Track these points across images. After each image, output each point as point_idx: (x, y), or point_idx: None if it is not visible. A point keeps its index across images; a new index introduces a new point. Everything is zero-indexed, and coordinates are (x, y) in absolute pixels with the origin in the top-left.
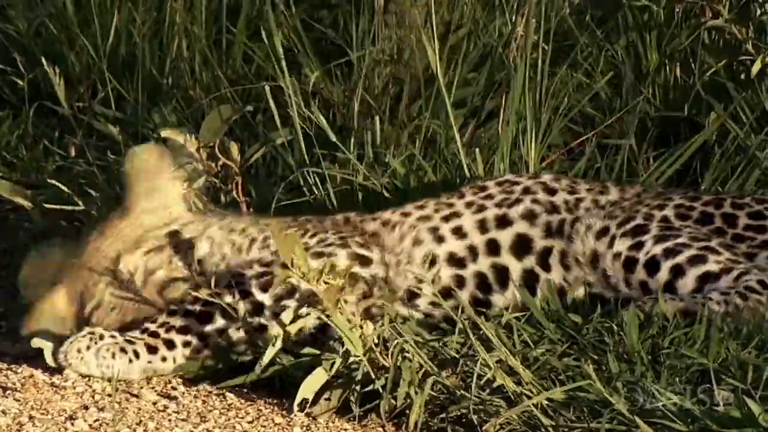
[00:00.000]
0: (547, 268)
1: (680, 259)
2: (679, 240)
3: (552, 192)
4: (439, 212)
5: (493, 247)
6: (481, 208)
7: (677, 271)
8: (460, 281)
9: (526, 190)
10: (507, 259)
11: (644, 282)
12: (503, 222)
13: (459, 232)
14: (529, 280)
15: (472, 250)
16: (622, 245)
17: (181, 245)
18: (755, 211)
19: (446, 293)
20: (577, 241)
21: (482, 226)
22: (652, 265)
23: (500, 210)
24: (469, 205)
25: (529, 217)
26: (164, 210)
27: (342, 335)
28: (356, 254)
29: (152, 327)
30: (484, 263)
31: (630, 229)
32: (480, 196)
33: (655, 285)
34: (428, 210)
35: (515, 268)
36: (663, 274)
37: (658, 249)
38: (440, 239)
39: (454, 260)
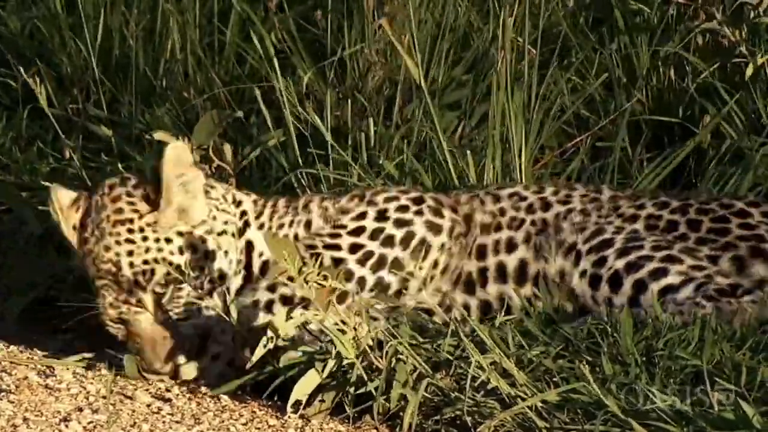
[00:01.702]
0: None
1: (642, 273)
2: (642, 252)
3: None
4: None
5: None
6: None
7: (639, 286)
8: None
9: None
10: None
11: (609, 298)
12: None
13: None
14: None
15: None
16: (587, 262)
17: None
18: (719, 216)
19: None
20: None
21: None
22: (615, 281)
23: None
24: None
25: None
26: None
27: (333, 338)
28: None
29: None
30: None
31: (596, 244)
32: None
33: (620, 301)
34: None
35: None
36: (626, 290)
37: (620, 264)
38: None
39: None
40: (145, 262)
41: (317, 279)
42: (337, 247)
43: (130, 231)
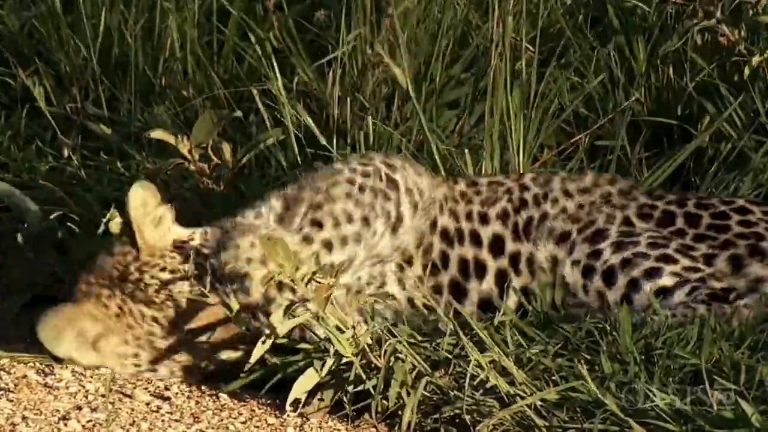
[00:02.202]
0: None
1: (636, 273)
2: (638, 249)
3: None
4: None
5: None
6: None
7: (633, 285)
8: None
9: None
10: None
11: (601, 291)
12: None
13: None
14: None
15: None
16: (580, 252)
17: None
18: (719, 212)
19: None
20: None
21: None
22: (610, 276)
23: None
24: None
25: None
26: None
27: (331, 337)
28: None
29: None
30: None
31: (590, 234)
32: None
33: (613, 297)
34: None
35: None
36: (620, 286)
37: (615, 259)
38: None
39: None
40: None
41: (315, 278)
42: None
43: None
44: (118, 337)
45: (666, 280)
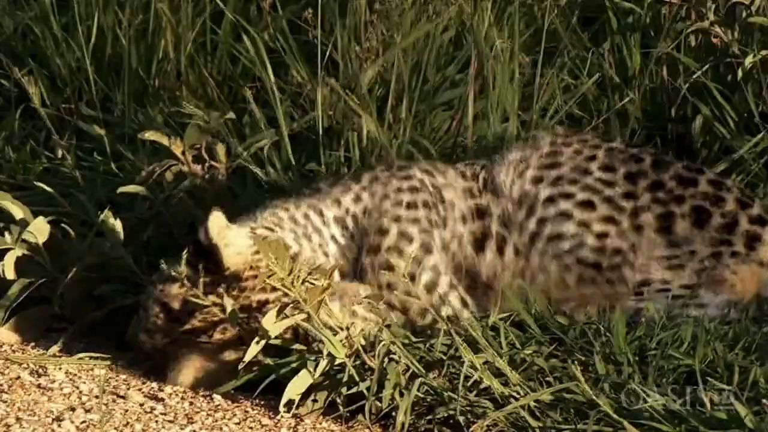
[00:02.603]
0: None
1: (549, 212)
2: (568, 188)
3: None
4: None
5: None
6: None
7: (540, 225)
8: None
9: None
10: None
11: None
12: None
13: None
14: None
15: None
16: (529, 175)
17: None
18: (695, 167)
19: None
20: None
21: None
22: (530, 209)
23: None
24: None
25: None
26: None
27: (324, 338)
28: None
29: None
30: None
31: (547, 163)
32: None
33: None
34: None
35: None
36: (531, 225)
37: (543, 193)
38: None
39: None
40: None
41: (308, 279)
42: None
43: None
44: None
45: (566, 228)
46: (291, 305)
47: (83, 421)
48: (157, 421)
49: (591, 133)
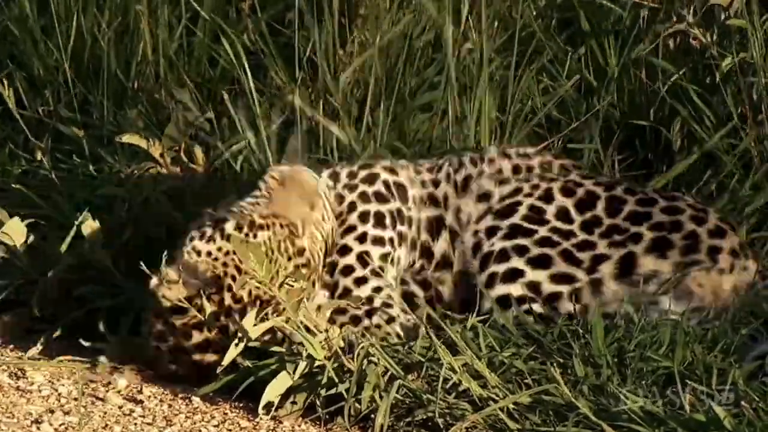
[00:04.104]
0: None
1: (500, 268)
2: (522, 241)
3: None
4: None
5: None
6: None
7: (490, 279)
8: None
9: None
10: None
11: (474, 272)
12: None
13: None
14: None
15: None
16: (483, 225)
17: None
18: (648, 198)
19: None
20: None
21: None
22: (485, 262)
23: None
24: None
25: None
26: None
27: (303, 340)
28: None
29: None
30: None
31: (504, 207)
32: None
33: (480, 281)
34: None
35: None
36: (483, 278)
37: (498, 245)
38: None
39: None
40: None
41: (287, 281)
42: None
43: None
44: None
45: (513, 289)
46: (270, 308)
47: (62, 424)
48: (135, 424)
49: (549, 154)
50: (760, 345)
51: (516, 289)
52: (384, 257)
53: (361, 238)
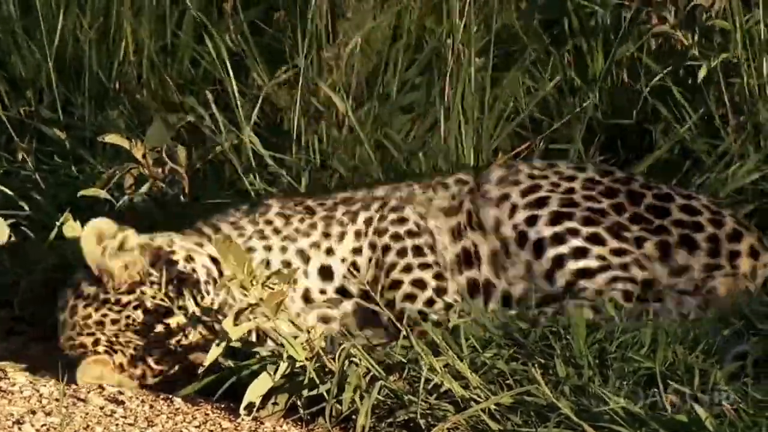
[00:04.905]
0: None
1: (563, 249)
2: (570, 224)
3: None
4: None
5: None
6: None
7: (558, 262)
8: None
9: None
10: None
11: (530, 262)
12: None
13: None
14: None
15: None
16: (521, 216)
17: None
18: (663, 194)
19: None
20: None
21: None
22: (539, 248)
23: None
24: None
25: None
26: None
27: (284, 342)
28: None
29: None
30: None
31: (533, 200)
32: None
33: (539, 269)
34: None
35: None
36: (545, 260)
37: (547, 231)
38: None
39: None
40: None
41: (268, 283)
42: None
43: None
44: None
45: (590, 261)
46: (249, 309)
47: (44, 425)
48: (117, 425)
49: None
50: (741, 345)
51: (592, 262)
52: None
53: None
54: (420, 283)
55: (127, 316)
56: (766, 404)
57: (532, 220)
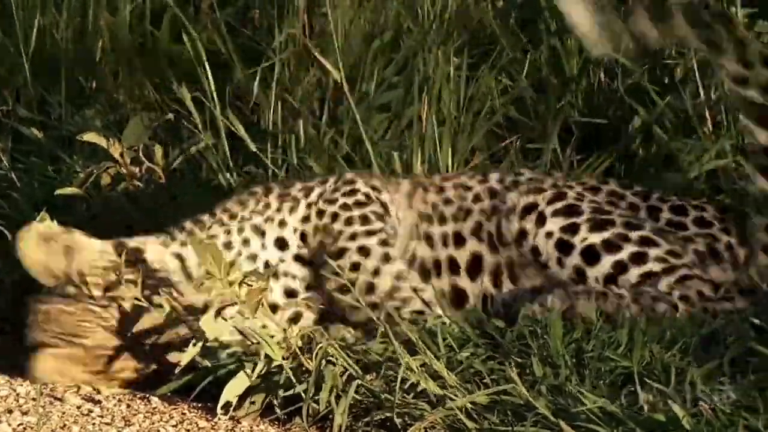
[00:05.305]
0: None
1: (622, 255)
2: (617, 230)
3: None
4: None
5: None
6: None
7: (621, 268)
8: None
9: None
10: None
11: (580, 268)
12: None
13: None
14: None
15: None
16: (553, 225)
17: None
18: (678, 205)
19: None
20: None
21: None
22: (591, 255)
23: None
24: None
25: None
26: None
27: (261, 341)
28: None
29: None
30: None
31: (561, 208)
32: None
33: (593, 274)
34: None
35: None
36: (604, 268)
37: (596, 238)
38: None
39: None
40: None
41: (246, 281)
42: None
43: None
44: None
45: (653, 266)
46: (228, 307)
47: (20, 424)
48: (94, 424)
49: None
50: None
51: (654, 266)
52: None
53: None
54: (364, 251)
55: (96, 315)
56: (743, 403)
57: (571, 228)
